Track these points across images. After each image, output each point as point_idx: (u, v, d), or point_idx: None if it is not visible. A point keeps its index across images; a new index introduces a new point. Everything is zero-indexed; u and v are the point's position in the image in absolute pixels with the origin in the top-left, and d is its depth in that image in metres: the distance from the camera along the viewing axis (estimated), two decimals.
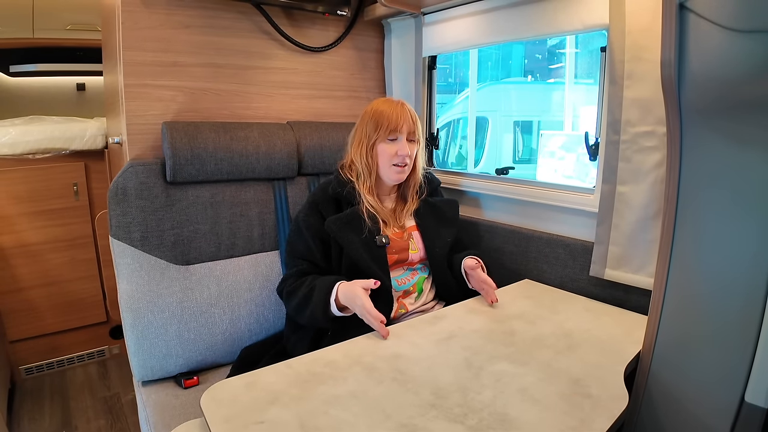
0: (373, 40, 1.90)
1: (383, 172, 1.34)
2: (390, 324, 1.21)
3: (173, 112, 1.48)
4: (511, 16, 1.46)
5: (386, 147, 1.31)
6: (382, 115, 1.30)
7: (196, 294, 1.36)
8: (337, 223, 1.27)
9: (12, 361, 2.28)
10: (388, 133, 1.30)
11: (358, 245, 1.25)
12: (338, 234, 1.26)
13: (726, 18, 0.68)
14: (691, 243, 0.83)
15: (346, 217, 1.28)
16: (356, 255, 1.25)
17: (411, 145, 1.33)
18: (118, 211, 1.30)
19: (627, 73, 1.14)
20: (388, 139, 1.31)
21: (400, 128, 1.30)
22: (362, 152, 1.33)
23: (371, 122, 1.32)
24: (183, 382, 1.31)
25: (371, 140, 1.32)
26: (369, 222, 1.28)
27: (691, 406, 0.85)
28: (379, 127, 1.30)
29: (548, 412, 0.81)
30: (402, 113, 1.31)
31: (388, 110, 1.31)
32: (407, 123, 1.31)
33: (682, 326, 0.87)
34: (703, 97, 0.77)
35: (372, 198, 1.33)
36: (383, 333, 1.08)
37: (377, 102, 1.35)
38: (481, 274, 1.29)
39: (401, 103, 1.33)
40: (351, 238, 1.26)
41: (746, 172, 0.74)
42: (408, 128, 1.31)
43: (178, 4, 1.45)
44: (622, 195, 1.20)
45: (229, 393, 0.86)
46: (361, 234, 1.27)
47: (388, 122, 1.29)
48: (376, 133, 1.31)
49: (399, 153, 1.30)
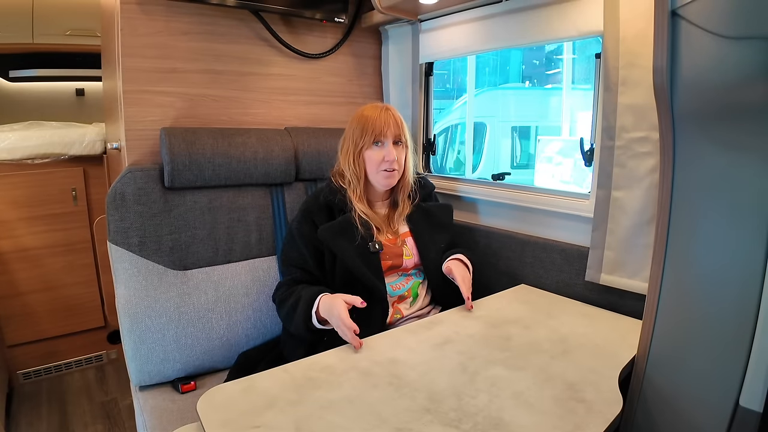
0: (371, 46, 1.91)
1: (372, 178, 1.34)
2: (386, 329, 1.22)
3: (172, 118, 1.49)
4: (506, 23, 1.47)
5: (373, 153, 1.31)
6: (367, 121, 1.31)
7: (194, 299, 1.36)
8: (329, 231, 1.27)
9: (10, 366, 2.27)
10: (373, 138, 1.30)
11: (351, 252, 1.26)
12: (331, 242, 1.26)
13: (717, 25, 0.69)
14: (684, 248, 0.84)
15: (338, 224, 1.28)
16: (350, 262, 1.25)
17: (398, 149, 1.33)
18: (116, 216, 1.31)
19: (621, 80, 1.15)
20: (374, 145, 1.31)
21: (384, 133, 1.30)
22: (350, 160, 1.33)
23: (357, 129, 1.32)
24: (180, 387, 1.31)
25: (358, 147, 1.32)
26: (362, 229, 1.28)
27: (686, 410, 0.85)
28: (365, 133, 1.31)
29: (543, 416, 0.81)
30: (386, 118, 1.31)
31: (372, 115, 1.31)
32: (391, 127, 1.31)
33: (676, 331, 0.87)
34: (695, 104, 0.78)
35: (363, 205, 1.34)
36: (355, 344, 1.05)
37: (363, 108, 1.36)
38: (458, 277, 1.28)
39: (386, 108, 1.34)
40: (344, 246, 1.26)
41: (738, 178, 0.75)
42: (393, 132, 1.31)
43: (177, 11, 1.46)
44: (617, 200, 1.21)
45: (225, 398, 0.87)
46: (354, 241, 1.27)
47: (372, 128, 1.30)
48: (362, 140, 1.31)
49: (386, 159, 1.30)
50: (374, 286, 1.25)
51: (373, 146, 1.31)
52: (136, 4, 1.39)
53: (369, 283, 1.25)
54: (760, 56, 0.65)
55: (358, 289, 1.24)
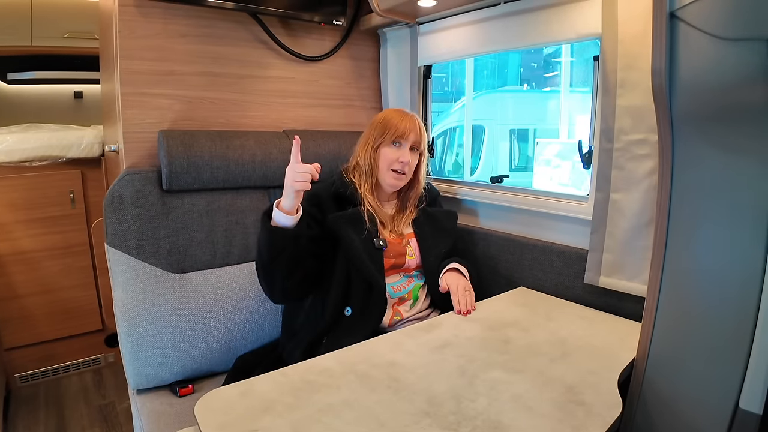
0: (369, 49, 1.91)
1: (381, 176, 1.37)
2: (385, 332, 1.22)
3: (170, 121, 1.49)
4: (505, 26, 1.47)
5: (388, 151, 1.35)
6: (391, 122, 1.35)
7: (192, 302, 1.36)
8: (340, 219, 1.29)
9: (7, 369, 2.27)
10: (393, 137, 1.34)
11: (357, 244, 1.27)
12: (340, 231, 1.27)
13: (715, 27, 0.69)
14: (683, 250, 0.84)
15: (348, 215, 1.31)
16: (354, 253, 1.26)
17: (413, 155, 1.37)
18: (114, 219, 1.30)
19: (620, 82, 1.15)
20: (393, 144, 1.35)
21: (406, 136, 1.34)
22: (366, 153, 1.37)
23: (380, 127, 1.37)
24: (178, 391, 1.30)
25: (377, 143, 1.36)
26: (369, 224, 1.30)
27: (686, 412, 0.85)
28: (387, 130, 1.35)
29: (542, 419, 0.81)
30: (411, 123, 1.36)
31: (397, 117, 1.36)
32: (414, 132, 1.35)
33: (676, 333, 0.87)
34: (694, 106, 0.78)
35: (372, 198, 1.36)
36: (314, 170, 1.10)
37: (389, 110, 1.41)
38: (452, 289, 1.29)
39: (412, 115, 1.39)
40: (351, 237, 1.27)
41: (737, 180, 0.75)
42: (414, 137, 1.36)
43: (175, 13, 1.46)
44: (616, 203, 1.21)
45: (223, 401, 0.86)
46: (361, 234, 1.29)
47: (395, 128, 1.34)
48: (383, 137, 1.35)
49: (400, 159, 1.33)
50: (375, 280, 1.26)
51: (392, 145, 1.35)
52: (134, 6, 1.39)
53: (370, 276, 1.26)
54: (759, 58, 0.65)
55: (357, 284, 1.26)
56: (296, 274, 1.20)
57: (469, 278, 1.35)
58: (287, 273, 1.18)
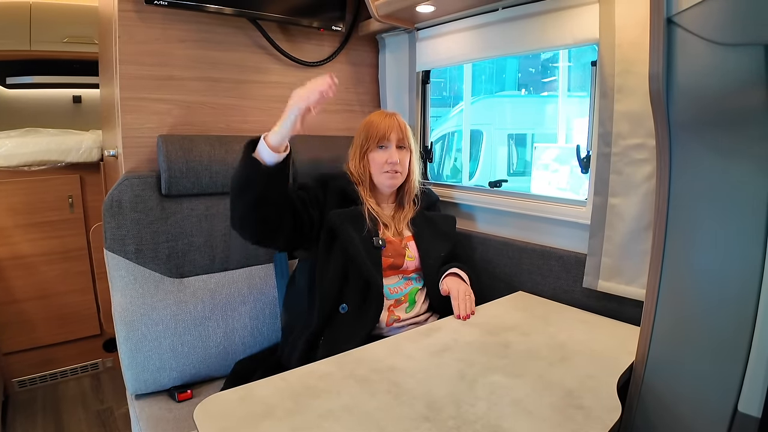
0: (368, 55, 1.92)
1: (377, 179, 1.39)
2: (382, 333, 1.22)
3: (169, 126, 1.49)
4: (503, 32, 1.48)
5: (376, 155, 1.38)
6: (372, 126, 1.38)
7: (191, 307, 1.36)
8: (340, 216, 1.30)
9: (5, 374, 2.26)
10: (377, 141, 1.37)
11: (357, 242, 1.28)
12: (340, 227, 1.28)
13: (712, 32, 0.70)
14: (682, 254, 0.84)
15: (349, 212, 1.32)
16: (353, 250, 1.27)
17: (402, 153, 1.39)
18: (112, 223, 1.30)
19: (617, 87, 1.16)
20: (378, 148, 1.38)
21: (388, 136, 1.37)
22: (356, 162, 1.40)
23: (363, 133, 1.40)
24: (176, 396, 1.30)
25: (363, 149, 1.39)
26: (370, 223, 1.32)
27: (685, 416, 0.85)
28: (369, 136, 1.38)
29: (541, 423, 0.81)
30: (390, 122, 1.38)
31: (377, 120, 1.39)
32: (395, 131, 1.38)
33: (674, 337, 0.87)
34: (691, 110, 0.78)
35: (374, 201, 1.39)
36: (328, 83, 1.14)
37: (370, 115, 1.44)
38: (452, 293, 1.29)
39: (392, 114, 1.41)
40: (351, 234, 1.28)
41: (735, 184, 0.75)
42: (397, 136, 1.38)
43: (175, 18, 1.46)
44: (614, 207, 1.21)
45: (222, 406, 0.86)
46: (361, 232, 1.30)
47: (376, 130, 1.37)
48: (367, 142, 1.38)
49: (389, 161, 1.36)
50: (372, 278, 1.27)
51: (378, 149, 1.38)
52: (133, 11, 1.39)
53: (368, 274, 1.26)
54: (755, 63, 0.65)
55: (353, 281, 1.27)
56: (261, 211, 1.16)
57: (469, 283, 1.35)
58: (251, 208, 1.16)
